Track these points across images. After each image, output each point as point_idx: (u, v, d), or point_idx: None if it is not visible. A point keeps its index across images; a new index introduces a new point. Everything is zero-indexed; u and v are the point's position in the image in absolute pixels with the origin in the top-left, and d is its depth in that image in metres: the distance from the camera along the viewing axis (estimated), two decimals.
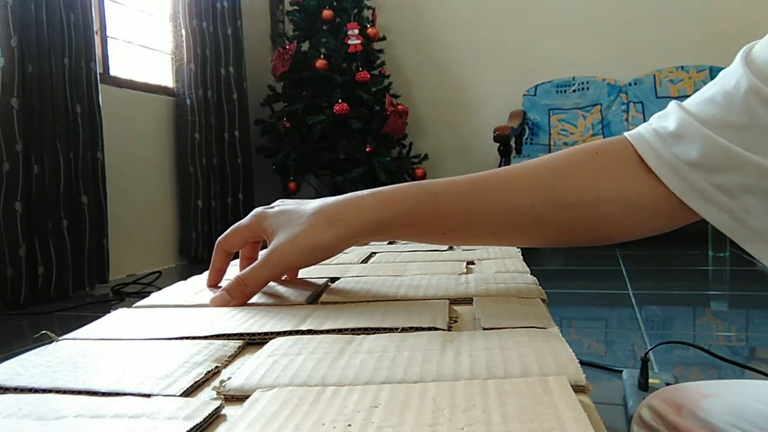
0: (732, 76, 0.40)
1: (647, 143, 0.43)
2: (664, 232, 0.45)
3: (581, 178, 0.44)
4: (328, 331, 0.36)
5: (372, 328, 0.36)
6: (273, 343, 0.34)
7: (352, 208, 0.44)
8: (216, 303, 0.44)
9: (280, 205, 0.49)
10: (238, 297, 0.44)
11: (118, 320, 0.42)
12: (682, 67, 3.54)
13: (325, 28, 3.70)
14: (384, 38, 3.88)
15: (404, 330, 0.36)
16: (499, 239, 0.47)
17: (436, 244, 0.48)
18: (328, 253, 0.45)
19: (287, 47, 3.69)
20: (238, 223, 0.50)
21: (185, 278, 0.56)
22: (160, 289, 0.52)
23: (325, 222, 0.44)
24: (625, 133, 0.45)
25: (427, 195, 0.45)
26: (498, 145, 3.24)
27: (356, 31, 3.63)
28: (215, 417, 0.25)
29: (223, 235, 0.50)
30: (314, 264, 0.46)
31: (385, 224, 0.45)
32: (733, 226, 0.40)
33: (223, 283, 0.52)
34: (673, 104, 0.43)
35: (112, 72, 2.99)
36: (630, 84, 3.64)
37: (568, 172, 0.45)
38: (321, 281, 0.52)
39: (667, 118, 0.43)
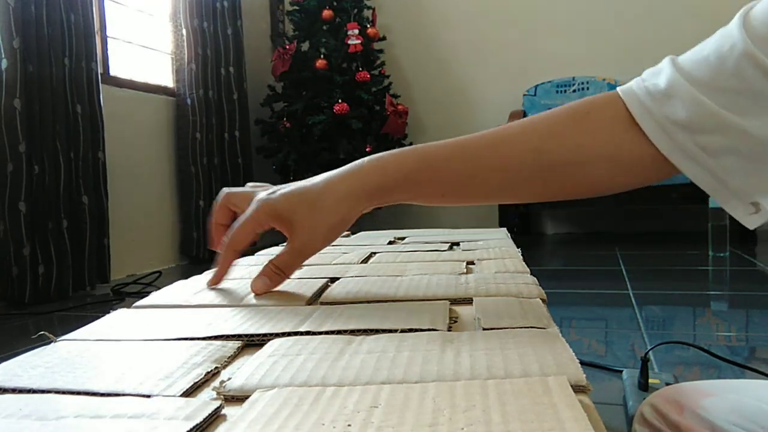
0: (728, 38, 0.40)
1: (639, 102, 0.44)
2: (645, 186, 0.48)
3: (571, 140, 0.46)
4: (327, 332, 0.36)
5: (372, 330, 0.36)
6: (273, 344, 0.34)
7: (354, 177, 0.47)
8: (258, 289, 0.48)
9: (277, 189, 0.50)
10: (276, 282, 0.49)
11: (117, 321, 0.42)
12: None
13: (325, 28, 3.69)
14: (384, 38, 3.88)
15: (404, 331, 0.36)
16: (493, 199, 0.50)
17: (437, 204, 0.50)
18: (345, 227, 0.48)
19: (287, 47, 3.69)
20: (243, 218, 0.50)
21: (186, 278, 0.56)
22: (159, 289, 0.52)
23: (334, 199, 0.47)
24: (618, 89, 0.46)
25: (423, 161, 0.48)
26: None
27: (356, 31, 3.63)
28: (215, 417, 0.25)
29: (230, 234, 0.50)
30: (335, 239, 0.49)
31: (387, 189, 0.47)
32: (715, 186, 0.42)
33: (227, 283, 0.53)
34: (667, 60, 0.44)
35: (112, 72, 2.98)
36: None
37: (557, 134, 0.46)
38: (321, 281, 0.52)
39: (660, 75, 0.44)
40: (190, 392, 0.28)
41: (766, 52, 0.38)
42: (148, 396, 0.27)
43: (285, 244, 0.50)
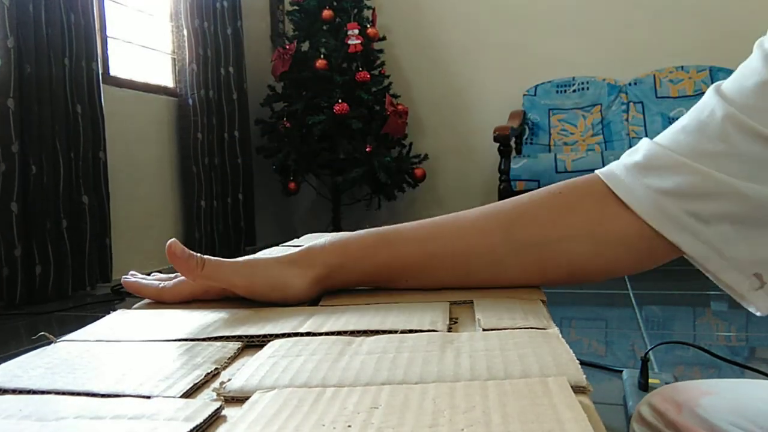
0: (704, 106, 0.39)
1: (617, 177, 0.41)
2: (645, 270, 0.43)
3: (543, 217, 0.43)
4: (328, 333, 0.36)
5: (372, 331, 0.36)
6: (273, 345, 0.34)
7: (317, 254, 0.45)
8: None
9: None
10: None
11: (117, 321, 0.42)
12: (682, 67, 3.54)
13: (325, 28, 3.69)
14: (384, 38, 3.88)
15: (404, 332, 0.36)
16: (463, 282, 0.46)
17: (402, 288, 0.47)
18: (293, 292, 0.44)
19: (287, 47, 3.69)
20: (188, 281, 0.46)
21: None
22: None
23: (295, 265, 0.44)
24: (597, 171, 0.44)
25: (383, 242, 0.45)
26: (498, 145, 3.24)
27: (356, 31, 3.63)
28: (215, 418, 0.25)
29: (170, 285, 0.47)
30: (274, 301, 0.44)
31: (347, 269, 0.45)
32: (709, 257, 0.38)
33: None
34: (644, 140, 0.43)
35: (113, 72, 2.99)
36: (630, 84, 3.64)
37: (528, 211, 0.43)
38: None
39: (637, 152, 0.42)
40: (190, 393, 0.28)
41: (748, 116, 0.36)
42: (148, 397, 0.27)
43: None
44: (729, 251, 0.38)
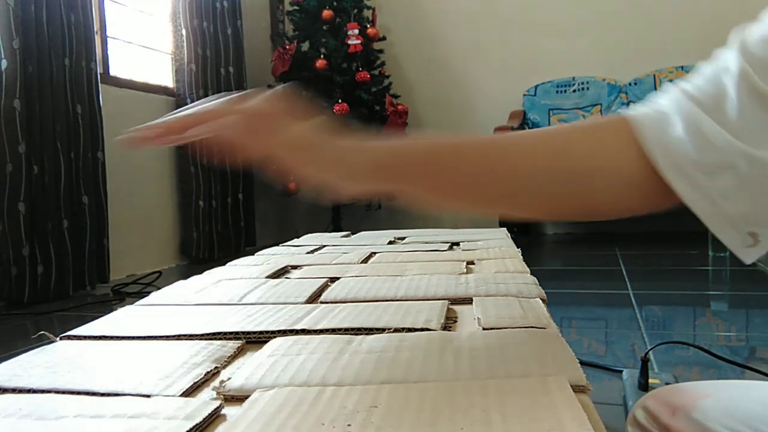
0: (725, 58, 0.41)
1: (641, 121, 0.43)
2: (652, 213, 0.46)
3: (589, 149, 0.45)
4: (327, 331, 0.36)
5: (368, 328, 0.36)
6: (273, 344, 0.34)
7: (375, 142, 0.44)
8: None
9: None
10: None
11: (117, 319, 0.42)
12: (682, 67, 3.54)
13: (325, 28, 3.69)
14: (384, 38, 3.88)
15: (397, 330, 0.36)
16: (507, 203, 0.46)
17: (436, 201, 0.46)
18: (345, 154, 0.43)
19: (287, 47, 3.69)
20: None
21: (186, 278, 0.56)
22: (160, 289, 0.52)
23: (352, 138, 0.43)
24: (625, 114, 0.46)
25: (449, 143, 0.45)
26: None
27: (356, 31, 3.63)
28: (215, 417, 0.25)
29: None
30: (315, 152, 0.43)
31: (395, 168, 0.43)
32: (709, 211, 0.40)
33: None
34: (671, 84, 0.44)
35: (112, 72, 2.99)
36: (630, 84, 3.64)
37: (576, 141, 0.45)
38: (321, 281, 0.52)
39: (663, 96, 0.44)
40: (190, 392, 0.28)
41: (759, 74, 0.37)
42: (148, 396, 0.27)
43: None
44: (727, 206, 0.39)
